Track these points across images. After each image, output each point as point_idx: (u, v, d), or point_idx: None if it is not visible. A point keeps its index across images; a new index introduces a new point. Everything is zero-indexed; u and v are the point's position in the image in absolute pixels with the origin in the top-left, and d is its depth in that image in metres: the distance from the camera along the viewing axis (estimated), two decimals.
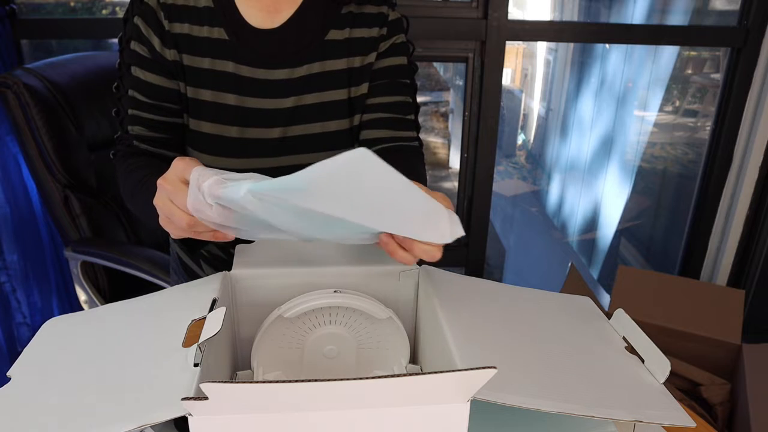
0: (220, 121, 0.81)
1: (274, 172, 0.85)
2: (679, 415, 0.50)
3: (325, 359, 0.67)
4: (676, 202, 2.41)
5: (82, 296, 1.38)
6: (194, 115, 0.81)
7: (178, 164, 0.57)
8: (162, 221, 0.60)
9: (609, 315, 0.66)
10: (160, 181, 0.57)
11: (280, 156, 0.84)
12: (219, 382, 0.38)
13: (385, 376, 0.40)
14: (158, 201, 0.58)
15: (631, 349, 0.60)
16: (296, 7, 0.82)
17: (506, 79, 2.57)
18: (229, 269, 0.67)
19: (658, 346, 0.57)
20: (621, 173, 2.66)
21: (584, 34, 1.89)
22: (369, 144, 0.86)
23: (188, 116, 0.82)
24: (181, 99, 0.81)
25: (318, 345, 0.66)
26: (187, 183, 0.54)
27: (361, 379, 0.40)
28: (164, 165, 0.62)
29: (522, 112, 3.24)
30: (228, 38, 0.80)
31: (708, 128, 2.00)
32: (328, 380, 0.39)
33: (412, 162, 0.85)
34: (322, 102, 0.84)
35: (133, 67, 0.79)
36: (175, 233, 0.60)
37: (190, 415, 0.42)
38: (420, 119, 0.92)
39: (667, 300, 1.66)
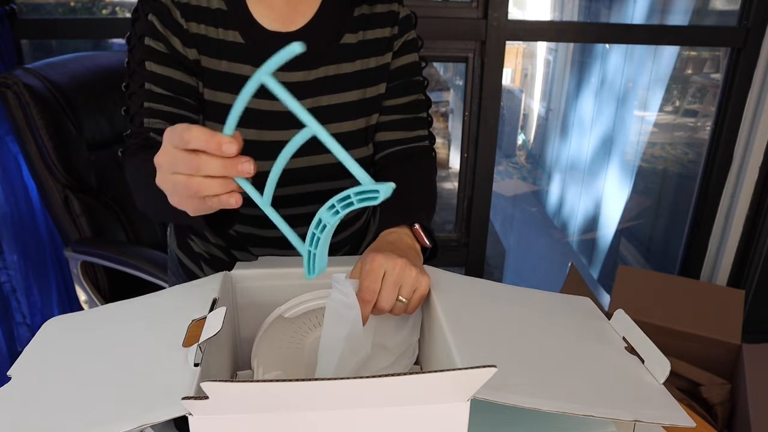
0: (238, 124, 0.81)
1: (290, 173, 0.85)
2: (679, 414, 0.50)
3: None
4: (676, 202, 2.41)
5: (82, 296, 1.37)
6: (211, 118, 0.81)
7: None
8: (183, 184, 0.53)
9: (609, 315, 0.66)
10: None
11: (296, 157, 0.84)
12: (219, 381, 0.38)
13: (385, 376, 0.40)
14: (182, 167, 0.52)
15: (631, 349, 0.60)
16: (311, 15, 0.82)
17: (506, 79, 2.57)
18: (230, 270, 0.67)
19: (658, 346, 0.57)
20: (621, 173, 2.66)
21: (584, 34, 1.89)
22: (383, 146, 0.89)
23: (204, 119, 0.81)
24: (198, 96, 0.80)
25: (318, 345, 0.66)
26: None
27: (361, 378, 0.40)
28: None
29: (522, 112, 3.24)
30: (244, 41, 0.79)
31: (708, 128, 2.00)
32: (328, 380, 0.39)
33: (421, 166, 0.87)
34: (337, 103, 0.84)
35: (148, 62, 0.78)
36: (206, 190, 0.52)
37: (191, 414, 0.42)
38: None
39: (667, 300, 1.66)
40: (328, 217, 0.52)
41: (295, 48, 0.49)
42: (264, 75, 0.52)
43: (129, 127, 0.80)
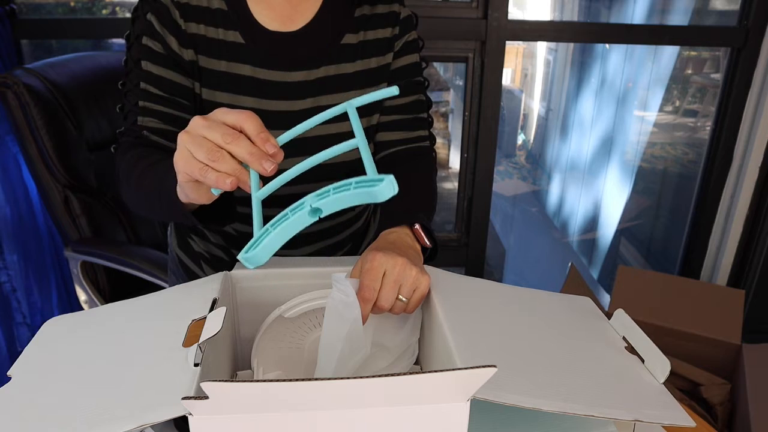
0: None
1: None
2: (679, 414, 0.50)
3: None
4: (676, 202, 2.41)
5: (82, 296, 1.38)
6: None
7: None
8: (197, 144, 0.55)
9: (609, 315, 0.66)
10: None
11: (296, 157, 0.84)
12: (219, 381, 0.38)
13: (385, 376, 0.40)
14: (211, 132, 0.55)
15: (631, 349, 0.60)
16: (312, 14, 0.82)
17: (506, 79, 2.57)
18: (230, 270, 0.67)
19: (658, 346, 0.57)
20: (621, 173, 2.66)
21: (584, 34, 1.89)
22: (384, 147, 0.89)
23: None
24: (194, 98, 0.80)
25: (318, 345, 0.66)
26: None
27: (361, 378, 0.40)
28: None
29: (522, 112, 3.24)
30: (244, 42, 0.79)
31: (708, 128, 2.00)
32: (328, 380, 0.39)
33: (421, 166, 0.88)
34: (338, 104, 0.84)
35: (144, 62, 0.78)
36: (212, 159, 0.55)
37: (191, 414, 0.42)
38: None
39: (667, 300, 1.66)
40: (313, 199, 0.50)
41: (393, 90, 0.54)
42: (351, 106, 0.57)
43: (123, 125, 0.81)
